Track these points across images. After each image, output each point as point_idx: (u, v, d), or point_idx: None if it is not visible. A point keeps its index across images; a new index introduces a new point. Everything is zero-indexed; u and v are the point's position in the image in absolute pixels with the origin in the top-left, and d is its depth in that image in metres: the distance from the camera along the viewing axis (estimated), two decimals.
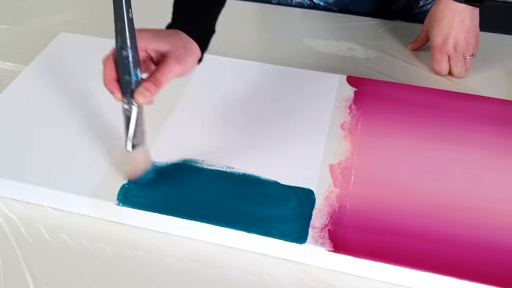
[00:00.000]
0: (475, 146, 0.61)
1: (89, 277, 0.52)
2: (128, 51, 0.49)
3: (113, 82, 0.51)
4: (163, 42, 0.53)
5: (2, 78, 0.75)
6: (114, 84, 0.51)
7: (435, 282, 0.49)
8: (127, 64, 0.50)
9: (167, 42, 0.53)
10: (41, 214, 0.57)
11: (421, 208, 0.54)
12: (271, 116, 0.65)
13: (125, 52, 0.49)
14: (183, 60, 0.53)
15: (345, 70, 0.76)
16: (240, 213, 0.53)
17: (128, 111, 0.52)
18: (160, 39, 0.53)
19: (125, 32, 0.49)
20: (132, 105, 0.51)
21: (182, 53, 0.54)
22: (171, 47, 0.53)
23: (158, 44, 0.53)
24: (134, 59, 0.50)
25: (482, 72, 0.77)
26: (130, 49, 0.49)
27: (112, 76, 0.51)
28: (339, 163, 0.59)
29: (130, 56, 0.49)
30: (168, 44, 0.53)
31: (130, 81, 0.50)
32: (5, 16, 0.89)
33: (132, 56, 0.50)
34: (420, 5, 0.86)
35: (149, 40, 0.53)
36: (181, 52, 0.54)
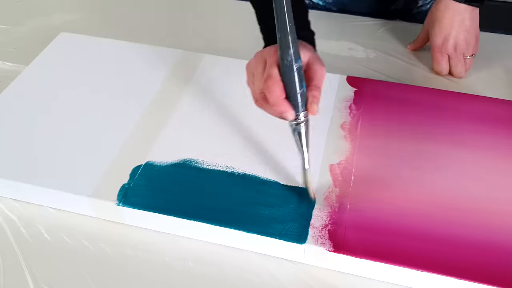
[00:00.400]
0: (475, 146, 0.61)
1: (89, 277, 0.52)
2: (298, 62, 0.48)
3: (284, 102, 0.50)
4: (303, 52, 0.52)
5: (2, 78, 0.75)
6: (286, 104, 0.50)
7: (435, 282, 0.49)
8: (299, 76, 0.49)
9: (306, 50, 0.52)
10: (41, 214, 0.57)
11: (421, 208, 0.54)
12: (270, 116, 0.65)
13: (297, 64, 0.48)
14: (322, 62, 0.53)
15: (345, 70, 0.75)
16: (240, 213, 0.53)
17: (297, 127, 0.51)
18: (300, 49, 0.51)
19: (295, 41, 0.48)
20: (300, 119, 0.50)
21: (318, 57, 0.53)
22: (311, 54, 0.52)
23: (302, 54, 0.51)
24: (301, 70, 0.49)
25: (482, 72, 0.77)
26: (299, 59, 0.48)
27: (281, 95, 0.49)
28: (339, 163, 0.59)
29: (301, 66, 0.48)
30: (308, 52, 0.52)
31: (304, 91, 0.49)
32: (5, 16, 0.89)
33: (301, 67, 0.49)
34: (419, 5, 0.86)
35: None
36: (317, 56, 0.53)
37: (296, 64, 0.48)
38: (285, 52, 0.48)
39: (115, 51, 0.75)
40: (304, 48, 0.52)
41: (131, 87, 0.69)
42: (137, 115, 0.65)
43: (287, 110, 0.50)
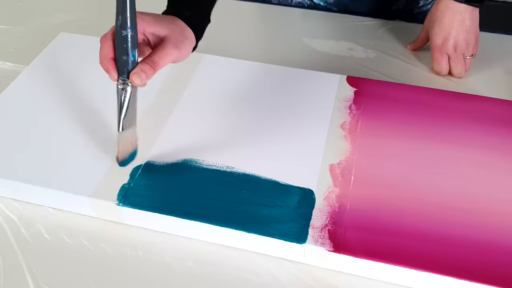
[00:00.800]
0: (475, 146, 0.61)
1: (89, 277, 0.52)
2: (127, 30, 0.49)
3: (109, 61, 0.51)
4: (162, 27, 0.53)
5: (2, 78, 0.75)
6: (110, 63, 0.51)
7: (435, 282, 0.49)
8: (126, 44, 0.50)
9: (166, 27, 0.54)
10: (41, 214, 0.57)
11: (421, 208, 0.54)
12: (271, 116, 0.65)
13: (124, 31, 0.49)
14: (180, 46, 0.54)
15: (345, 70, 0.75)
16: (240, 213, 0.53)
17: (122, 91, 0.52)
18: (159, 23, 0.53)
19: (126, 11, 0.49)
20: (127, 86, 0.52)
21: (179, 39, 0.54)
22: (169, 32, 0.53)
23: (157, 28, 0.53)
24: (133, 39, 0.50)
25: (482, 72, 0.77)
26: (130, 29, 0.49)
27: (109, 54, 0.51)
28: (339, 163, 0.59)
29: (129, 36, 0.50)
30: (167, 29, 0.53)
31: (127, 61, 0.50)
32: (5, 16, 0.89)
33: (131, 36, 0.50)
34: (420, 5, 0.87)
35: (149, 23, 0.53)
36: (179, 38, 0.54)
37: (124, 31, 0.49)
38: (117, 17, 0.50)
39: None
40: (170, 24, 0.54)
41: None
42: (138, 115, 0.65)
43: (109, 70, 0.51)
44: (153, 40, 0.54)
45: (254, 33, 0.69)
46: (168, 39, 0.53)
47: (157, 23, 0.53)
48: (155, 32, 0.53)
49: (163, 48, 0.52)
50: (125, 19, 0.49)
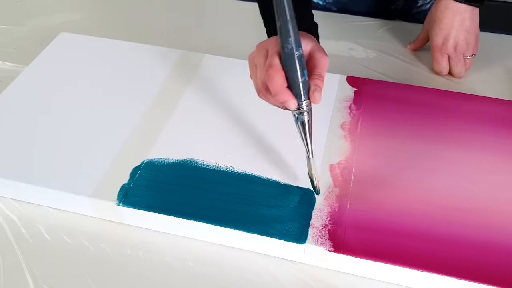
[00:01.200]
0: (475, 146, 0.61)
1: (89, 277, 0.52)
2: (299, 50, 0.48)
3: (286, 91, 0.49)
4: (306, 41, 0.52)
5: (2, 78, 0.75)
6: (287, 92, 0.49)
7: (435, 282, 0.49)
8: (301, 64, 0.48)
9: (308, 40, 0.52)
10: (41, 214, 0.57)
11: (421, 208, 0.54)
12: (270, 116, 0.65)
13: (297, 52, 0.48)
14: (324, 51, 0.53)
15: (345, 70, 0.75)
16: (240, 213, 0.53)
17: (302, 116, 0.50)
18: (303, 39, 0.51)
19: (296, 29, 0.47)
20: (303, 109, 0.50)
21: (320, 47, 0.53)
22: (313, 44, 0.52)
23: (304, 44, 0.51)
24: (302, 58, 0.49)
25: (482, 72, 0.77)
26: (300, 48, 0.48)
27: (283, 84, 0.49)
28: (339, 163, 0.59)
29: (302, 54, 0.48)
30: (311, 42, 0.52)
31: (306, 80, 0.49)
32: (5, 16, 0.89)
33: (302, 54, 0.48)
34: (419, 5, 0.87)
35: None
36: (319, 46, 0.53)
37: (297, 52, 0.48)
38: (285, 40, 0.47)
39: (115, 51, 0.75)
40: (306, 37, 0.52)
41: (131, 87, 0.69)
42: (137, 115, 0.65)
43: (289, 99, 0.49)
44: None
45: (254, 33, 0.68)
46: (316, 50, 0.52)
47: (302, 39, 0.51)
48: (305, 48, 0.51)
49: (319, 60, 0.51)
50: (297, 38, 0.47)
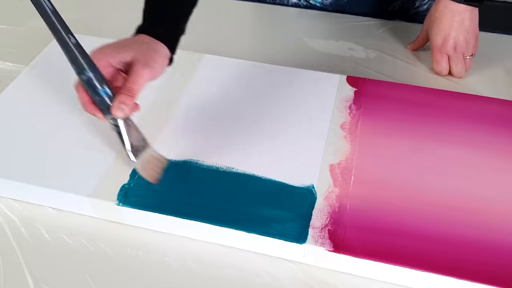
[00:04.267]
0: (475, 146, 0.61)
1: (89, 277, 0.52)
2: (86, 74, 0.50)
3: (90, 106, 0.52)
4: (125, 52, 0.53)
5: (2, 78, 0.75)
6: (91, 107, 0.52)
7: (435, 282, 0.49)
8: (91, 86, 0.51)
9: (129, 50, 0.53)
10: (41, 214, 0.57)
11: (421, 208, 0.54)
12: (270, 116, 0.65)
13: (84, 76, 0.51)
14: (151, 63, 0.53)
15: (345, 70, 0.76)
16: (240, 213, 0.53)
17: (115, 126, 0.53)
18: (121, 49, 0.53)
19: (76, 58, 0.50)
20: (114, 121, 0.53)
21: (148, 56, 0.53)
22: (135, 53, 0.53)
23: (120, 55, 0.53)
24: (97, 78, 0.51)
25: (482, 72, 0.77)
26: (88, 71, 0.50)
27: (87, 100, 0.52)
28: (339, 163, 0.59)
29: (91, 77, 0.51)
30: (131, 52, 0.53)
31: (103, 99, 0.51)
32: (5, 16, 0.89)
33: (93, 76, 0.51)
34: (416, 6, 0.86)
35: (111, 54, 0.53)
36: (147, 55, 0.53)
37: (83, 76, 0.51)
38: (72, 66, 0.51)
39: None
40: (131, 48, 0.53)
41: None
42: (137, 115, 0.65)
43: (94, 114, 0.53)
44: (124, 67, 0.54)
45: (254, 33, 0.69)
46: (136, 61, 0.52)
47: (119, 50, 0.53)
48: (121, 59, 0.53)
49: (134, 72, 0.52)
50: (79, 65, 0.50)
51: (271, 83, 0.70)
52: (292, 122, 0.64)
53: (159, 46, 0.56)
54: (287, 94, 0.68)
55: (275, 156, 0.60)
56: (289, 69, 0.72)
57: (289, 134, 0.63)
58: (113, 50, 0.53)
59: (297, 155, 0.60)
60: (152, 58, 0.54)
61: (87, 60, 0.51)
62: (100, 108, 0.52)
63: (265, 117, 0.65)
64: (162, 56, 0.55)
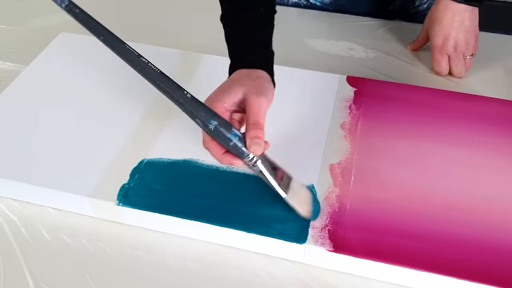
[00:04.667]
0: (475, 146, 0.61)
1: (89, 277, 0.52)
2: (211, 123, 0.49)
3: (225, 156, 0.51)
4: (234, 91, 0.52)
5: (2, 78, 0.75)
6: (227, 157, 0.51)
7: (435, 282, 0.49)
8: (221, 133, 0.50)
9: (238, 88, 0.52)
10: (41, 214, 0.57)
11: (421, 208, 0.54)
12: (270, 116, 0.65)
13: (211, 126, 0.49)
14: (263, 91, 0.52)
15: (345, 70, 0.76)
16: (240, 213, 0.53)
17: (256, 167, 0.51)
18: (229, 90, 0.52)
19: (198, 111, 0.49)
20: (255, 160, 0.51)
21: (256, 86, 0.52)
22: (244, 89, 0.52)
23: (232, 96, 0.51)
24: (222, 124, 0.50)
25: (482, 72, 0.77)
26: (212, 121, 0.49)
27: (220, 151, 0.51)
28: (339, 163, 0.59)
29: (216, 125, 0.49)
30: (240, 88, 0.52)
31: (236, 143, 0.50)
32: (5, 16, 0.89)
33: (218, 124, 0.49)
34: (416, 5, 0.86)
35: (223, 99, 0.51)
36: (255, 86, 0.52)
37: (209, 126, 0.49)
38: (195, 121, 0.50)
39: None
40: (236, 86, 0.52)
41: (131, 87, 0.69)
42: (137, 115, 0.65)
43: (232, 162, 0.51)
44: (238, 107, 0.52)
45: None
46: (248, 95, 0.51)
47: (228, 92, 0.52)
48: (234, 100, 0.52)
49: (252, 105, 0.51)
50: (202, 117, 0.49)
51: None
52: (292, 122, 0.64)
53: (260, 72, 0.55)
54: (287, 94, 0.68)
55: (275, 156, 0.60)
56: (289, 69, 0.72)
57: (289, 134, 0.63)
58: (222, 94, 0.52)
59: (297, 155, 0.60)
60: (261, 86, 0.53)
61: (208, 110, 0.50)
62: (236, 154, 0.51)
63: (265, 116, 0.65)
64: (268, 81, 0.54)
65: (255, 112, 0.51)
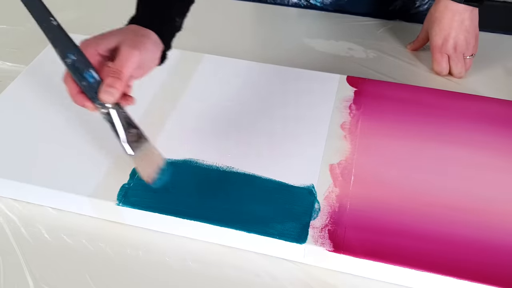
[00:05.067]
0: (475, 146, 0.61)
1: (89, 277, 0.52)
2: (69, 57, 0.48)
3: (78, 95, 0.50)
4: (111, 38, 0.51)
5: (2, 78, 0.75)
6: (80, 97, 0.50)
7: (435, 282, 0.49)
8: (76, 70, 0.49)
9: (115, 36, 0.51)
10: (41, 214, 0.57)
11: (421, 208, 0.54)
12: (270, 116, 0.65)
13: (68, 59, 0.48)
14: (139, 46, 0.51)
15: (345, 70, 0.76)
16: (240, 213, 0.53)
17: (107, 115, 0.50)
18: (107, 36, 0.51)
19: (59, 40, 0.48)
20: (109, 108, 0.50)
21: (136, 40, 0.51)
22: (121, 38, 0.51)
23: (106, 41, 0.51)
24: (81, 62, 0.49)
25: (482, 72, 0.77)
26: (71, 54, 0.48)
27: (75, 89, 0.50)
28: (339, 163, 0.59)
29: (75, 60, 0.48)
30: (117, 37, 0.51)
31: (89, 85, 0.49)
32: (5, 16, 0.89)
33: (77, 59, 0.48)
34: (416, 6, 0.86)
35: (96, 42, 0.51)
36: (135, 39, 0.51)
37: (67, 59, 0.48)
38: (55, 50, 0.49)
39: None
40: (117, 34, 0.51)
41: None
42: (137, 115, 0.65)
43: (83, 103, 0.50)
44: (111, 54, 0.51)
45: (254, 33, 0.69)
46: (122, 43, 0.50)
47: (105, 37, 0.51)
48: (107, 46, 0.51)
49: (120, 54, 0.50)
50: (61, 48, 0.48)
51: (271, 83, 0.70)
52: (292, 122, 0.64)
53: (148, 32, 0.53)
54: (287, 94, 0.68)
55: (275, 156, 0.60)
56: (289, 69, 0.72)
57: (289, 134, 0.63)
58: (99, 38, 0.51)
59: (297, 155, 0.60)
60: (140, 42, 0.51)
61: (71, 43, 0.48)
62: (89, 97, 0.49)
63: (265, 117, 0.65)
64: (152, 43, 0.53)
65: (119, 62, 0.49)
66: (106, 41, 0.51)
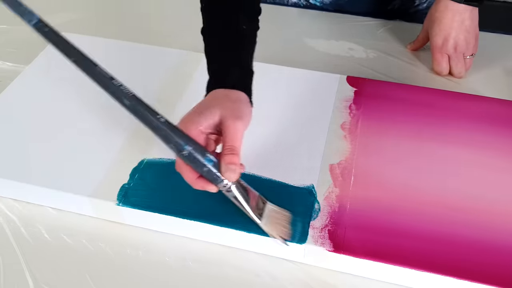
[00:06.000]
0: (475, 146, 0.61)
1: (89, 277, 0.52)
2: (185, 148, 0.48)
3: (198, 181, 0.49)
4: (210, 113, 0.50)
5: (2, 78, 0.75)
6: (200, 182, 0.49)
7: (435, 282, 0.49)
8: (195, 159, 0.48)
9: (214, 109, 0.50)
10: (41, 214, 0.57)
11: (421, 208, 0.54)
12: (270, 116, 0.65)
13: (185, 152, 0.48)
14: (240, 114, 0.50)
15: (345, 70, 0.76)
16: (240, 213, 0.53)
17: (230, 193, 0.50)
18: (205, 112, 0.50)
19: (171, 136, 0.48)
20: (230, 185, 0.49)
21: (234, 109, 0.50)
22: (221, 110, 0.50)
23: (208, 118, 0.50)
24: (197, 150, 0.48)
25: (482, 72, 0.77)
26: (186, 146, 0.48)
27: (193, 177, 0.49)
28: (339, 163, 0.59)
29: (191, 150, 0.48)
30: (216, 110, 0.50)
31: (210, 169, 0.48)
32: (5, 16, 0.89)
33: (193, 149, 0.48)
34: (416, 4, 0.86)
35: (198, 121, 0.50)
36: (233, 108, 0.51)
37: (184, 151, 0.48)
38: (168, 146, 0.48)
39: (115, 51, 0.75)
40: (213, 108, 0.50)
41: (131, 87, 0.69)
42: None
43: (206, 187, 0.49)
44: (214, 129, 0.50)
45: None
46: (225, 118, 0.49)
47: (204, 114, 0.50)
48: (210, 122, 0.50)
49: (228, 129, 0.49)
50: (175, 142, 0.48)
51: (271, 83, 0.70)
52: (292, 122, 0.64)
53: (238, 94, 0.53)
54: (287, 94, 0.68)
55: (275, 156, 0.60)
56: (289, 69, 0.72)
57: (289, 134, 0.63)
58: (198, 116, 0.50)
59: (297, 155, 0.60)
60: (238, 109, 0.51)
61: (180, 134, 0.48)
62: (210, 179, 0.49)
63: (265, 117, 0.65)
64: (246, 103, 0.53)
65: (231, 137, 0.49)
66: (206, 117, 0.50)
